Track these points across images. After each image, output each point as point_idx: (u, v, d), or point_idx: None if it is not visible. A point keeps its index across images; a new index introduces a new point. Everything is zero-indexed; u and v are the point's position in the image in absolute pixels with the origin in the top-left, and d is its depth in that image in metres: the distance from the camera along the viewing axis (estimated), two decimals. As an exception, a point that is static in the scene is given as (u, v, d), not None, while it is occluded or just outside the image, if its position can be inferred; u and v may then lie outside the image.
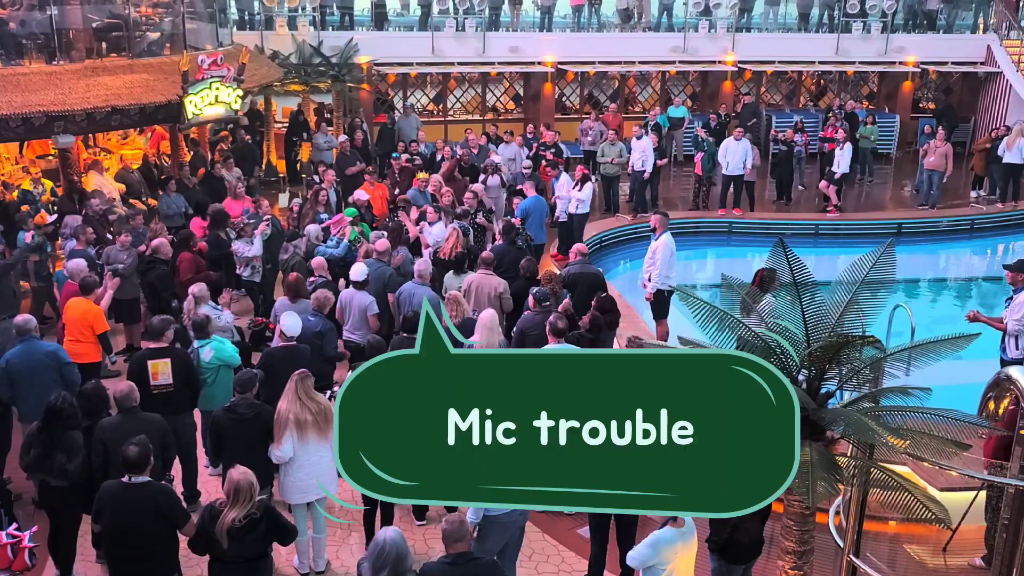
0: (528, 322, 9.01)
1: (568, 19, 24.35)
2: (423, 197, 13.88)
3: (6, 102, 12.16)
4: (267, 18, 20.98)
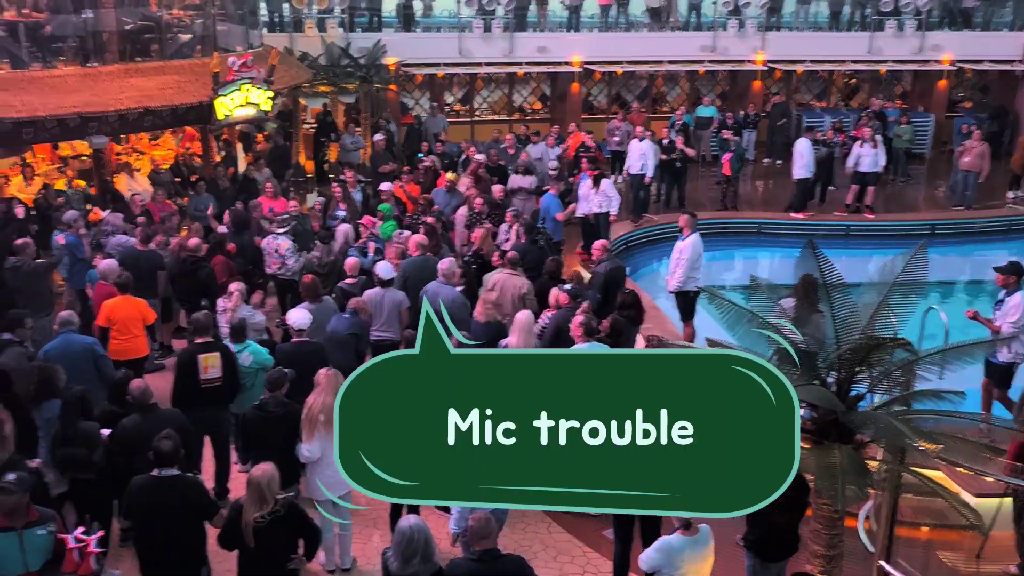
0: (564, 320, 8.98)
1: (596, 19, 24.29)
2: (447, 197, 13.91)
3: (42, 103, 12.33)
4: (296, 20, 21.11)
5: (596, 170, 15.24)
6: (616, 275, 10.84)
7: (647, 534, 7.08)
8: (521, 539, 8.07)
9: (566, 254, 13.49)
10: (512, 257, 10.40)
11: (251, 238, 12.15)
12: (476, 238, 11.71)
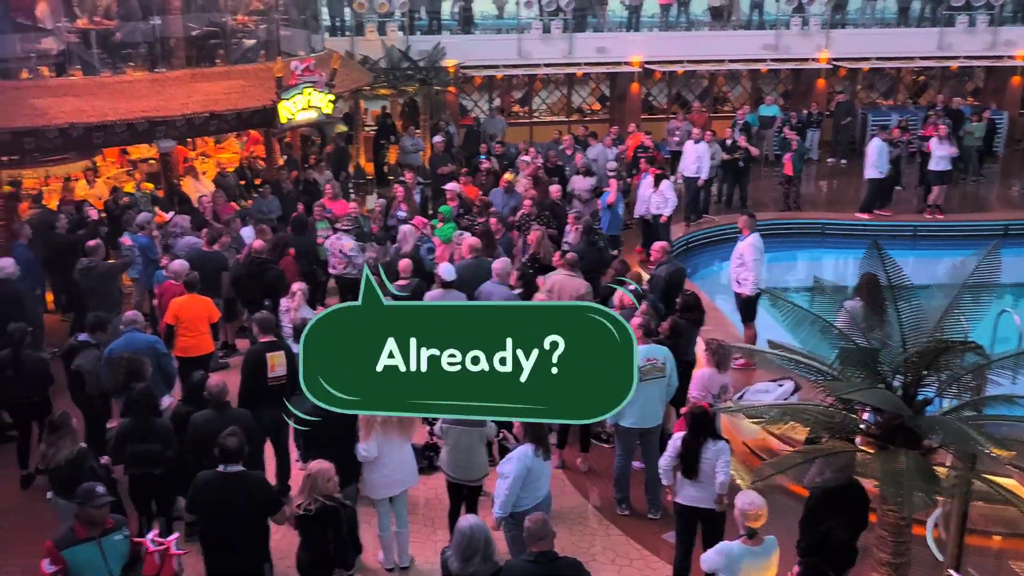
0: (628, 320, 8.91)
1: (656, 18, 24.12)
2: (505, 198, 13.92)
3: (112, 108, 12.65)
4: (358, 24, 21.37)
5: (658, 169, 15.12)
6: (676, 277, 10.75)
7: (709, 537, 7.01)
8: (579, 541, 8.04)
9: (625, 254, 13.38)
10: (571, 259, 10.35)
11: (313, 239, 12.31)
12: (532, 240, 11.69)
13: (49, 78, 13.05)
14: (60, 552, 5.64)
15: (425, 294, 9.86)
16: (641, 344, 8.16)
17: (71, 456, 6.87)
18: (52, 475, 6.94)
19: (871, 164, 17.35)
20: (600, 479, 9.01)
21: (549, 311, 4.04)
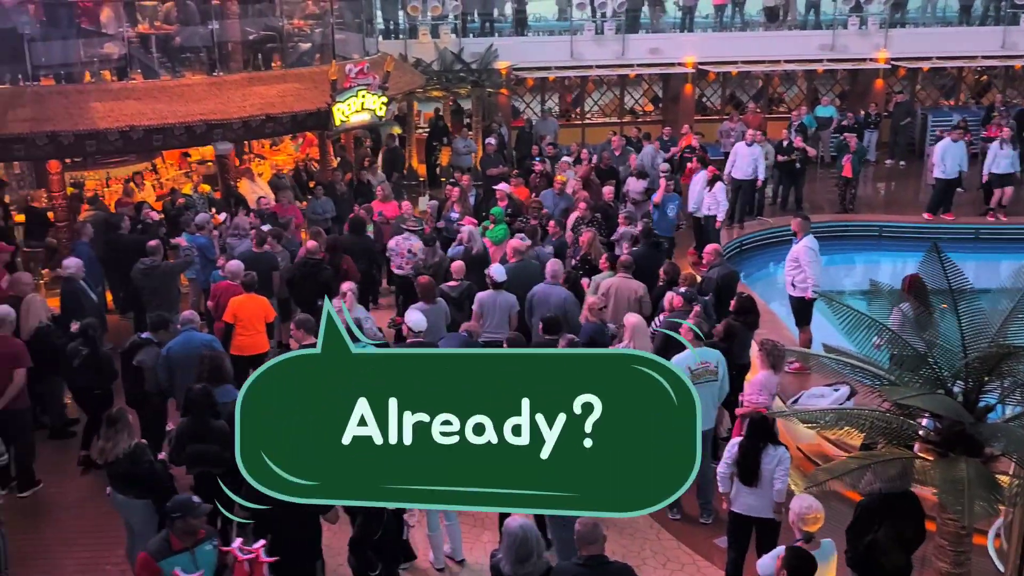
0: (666, 324, 8.87)
1: (710, 19, 23.92)
2: (556, 199, 13.91)
3: (171, 111, 12.92)
4: (411, 27, 21.52)
5: (715, 169, 15.01)
6: (728, 280, 10.63)
7: (763, 543, 6.92)
8: (629, 544, 7.99)
9: (677, 257, 13.27)
10: (625, 261, 10.32)
11: (370, 240, 12.42)
12: (583, 242, 11.67)
13: (111, 82, 13.36)
14: (158, 564, 5.65)
15: (476, 295, 9.90)
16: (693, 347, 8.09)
17: (128, 450, 7.00)
18: (110, 470, 7.09)
19: (937, 165, 17.00)
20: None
21: (580, 360, 3.05)
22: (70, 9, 13.25)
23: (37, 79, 12.66)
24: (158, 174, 16.44)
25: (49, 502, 8.87)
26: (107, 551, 7.91)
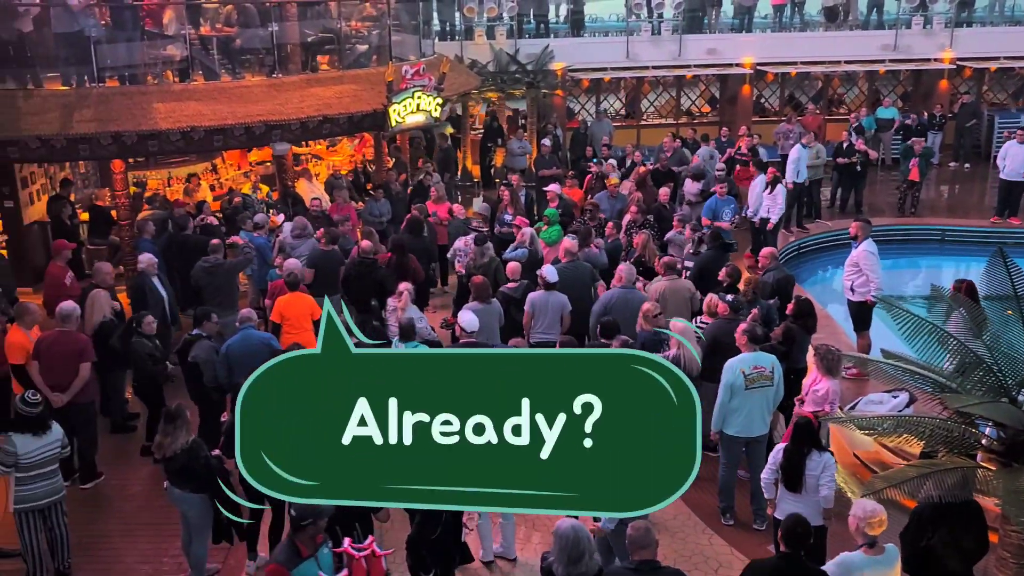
0: (720, 329, 8.78)
1: (768, 19, 23.62)
2: (610, 201, 13.84)
3: (231, 112, 13.13)
4: (467, 28, 21.62)
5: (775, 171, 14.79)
6: (784, 284, 10.48)
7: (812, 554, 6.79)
8: (681, 549, 7.92)
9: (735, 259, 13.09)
10: (668, 262, 10.26)
11: (427, 241, 12.48)
12: (637, 244, 11.60)
13: (173, 83, 13.63)
14: (291, 573, 5.63)
15: (528, 295, 9.90)
16: (747, 351, 7.99)
17: (186, 446, 7.12)
18: (168, 465, 7.23)
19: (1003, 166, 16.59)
20: (704, 487, 8.84)
21: (580, 361, 3.04)
22: (135, 12, 13.55)
23: (102, 80, 12.97)
24: (218, 174, 16.74)
25: (110, 494, 9.08)
26: (166, 543, 8.08)
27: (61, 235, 12.69)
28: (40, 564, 7.55)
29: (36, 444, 7.30)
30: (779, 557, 5.90)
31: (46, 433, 7.38)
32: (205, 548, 7.44)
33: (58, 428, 7.57)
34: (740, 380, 7.86)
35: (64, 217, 13.86)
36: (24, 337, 8.97)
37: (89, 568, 7.91)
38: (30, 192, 14.47)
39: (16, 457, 7.22)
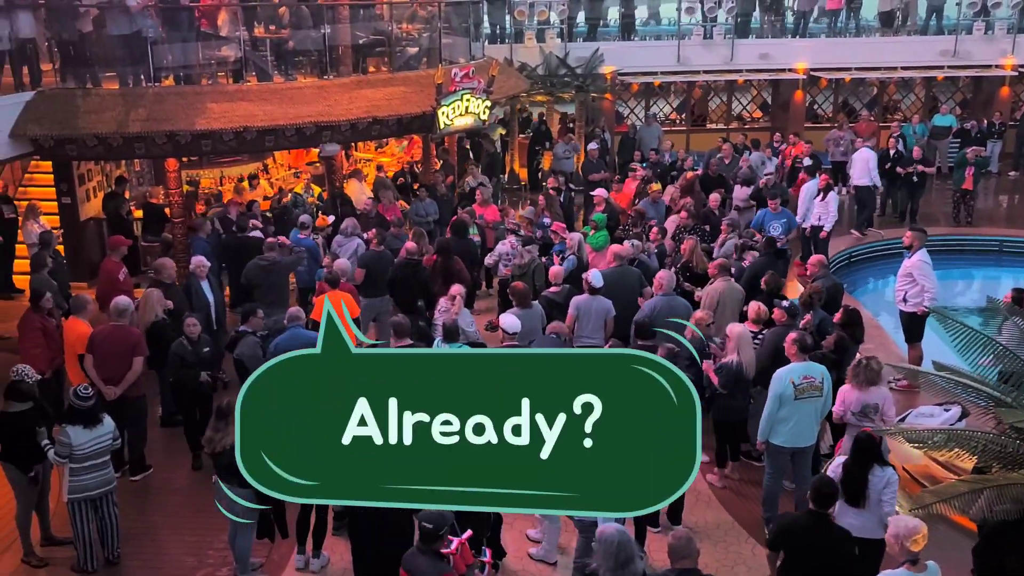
0: (779, 336, 8.66)
1: (823, 24, 23.30)
2: (655, 208, 13.75)
3: (282, 113, 13.29)
4: (517, 31, 21.64)
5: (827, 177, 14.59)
6: (833, 293, 10.31)
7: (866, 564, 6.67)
8: (723, 559, 7.82)
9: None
10: (722, 263, 10.16)
11: (471, 243, 12.51)
12: (685, 249, 11.51)
13: (226, 84, 13.84)
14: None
15: (573, 298, 9.87)
16: (797, 361, 7.87)
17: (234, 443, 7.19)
18: (217, 460, 7.32)
19: None
20: (747, 497, 8.74)
21: (580, 360, 3.06)
22: (191, 13, 13.79)
23: (158, 80, 13.22)
24: (269, 174, 16.95)
25: (159, 487, 9.23)
26: (212, 536, 8.18)
27: (119, 231, 12.93)
28: (91, 553, 7.71)
29: (88, 436, 7.45)
30: (807, 514, 6.11)
31: (98, 426, 7.53)
32: (249, 542, 7.53)
33: (110, 421, 7.71)
34: (790, 390, 7.74)
35: (122, 214, 14.13)
36: (86, 328, 9.17)
37: (137, 558, 8.05)
38: (87, 189, 14.79)
39: (70, 448, 7.38)
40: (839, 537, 6.06)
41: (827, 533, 6.02)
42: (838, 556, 5.99)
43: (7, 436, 7.70)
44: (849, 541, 6.08)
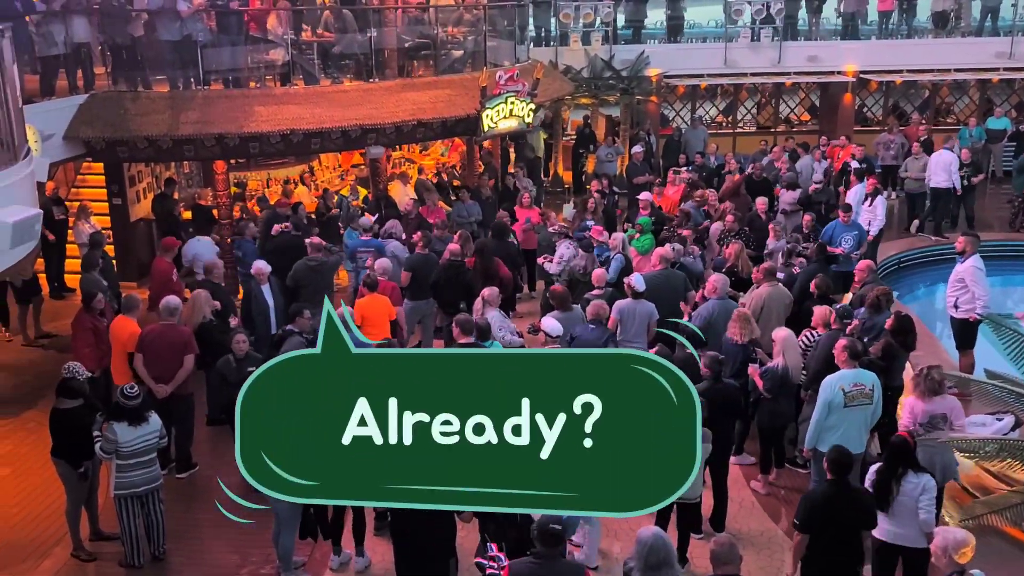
0: (832, 340, 8.54)
1: (872, 25, 22.93)
2: (699, 213, 13.63)
3: (328, 116, 13.41)
4: (562, 34, 21.60)
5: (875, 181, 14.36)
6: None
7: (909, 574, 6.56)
8: (767, 566, 7.72)
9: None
10: (768, 267, 10.04)
11: (512, 245, 12.50)
12: (729, 254, 11.39)
13: (274, 87, 14.00)
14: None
15: (616, 303, 9.81)
16: (847, 368, 7.73)
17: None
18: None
19: None
20: (792, 504, 8.59)
21: (580, 360, 3.06)
22: (240, 17, 13.97)
23: (207, 84, 13.41)
24: (314, 176, 17.11)
25: (204, 485, 9.33)
26: (255, 535, 8.23)
27: (170, 232, 13.14)
28: (137, 548, 7.84)
29: (134, 434, 7.56)
30: (829, 484, 6.42)
31: (143, 424, 7.64)
32: (292, 541, 7.59)
33: (156, 420, 7.82)
34: (839, 397, 7.61)
35: (176, 214, 14.35)
36: (136, 327, 9.33)
37: (182, 555, 8.16)
38: (137, 190, 15.05)
39: (116, 444, 7.50)
40: (859, 498, 6.42)
41: (847, 496, 6.35)
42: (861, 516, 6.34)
43: (58, 432, 7.86)
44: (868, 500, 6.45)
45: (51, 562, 8.04)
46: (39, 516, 8.66)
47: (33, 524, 8.56)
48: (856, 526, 6.36)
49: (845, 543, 6.28)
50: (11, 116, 7.67)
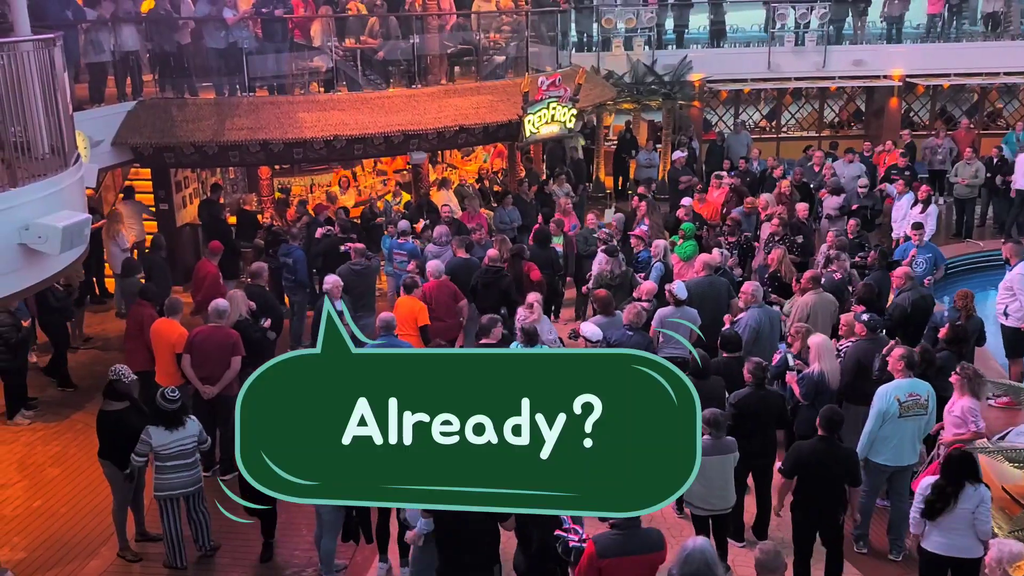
0: (861, 350, 8.42)
1: (920, 29, 22.57)
2: (748, 220, 13.50)
3: (372, 122, 13.52)
4: (604, 39, 21.55)
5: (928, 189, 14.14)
6: (921, 306, 9.93)
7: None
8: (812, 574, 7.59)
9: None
10: (814, 275, 9.93)
11: (554, 252, 12.48)
12: (772, 259, 11.26)
13: (318, 93, 14.14)
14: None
15: (657, 311, 9.74)
16: (902, 377, 7.60)
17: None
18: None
19: None
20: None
21: (580, 361, 3.06)
22: (284, 24, 14.14)
23: (252, 90, 13.58)
24: (357, 181, 17.24)
25: (247, 486, 9.42)
26: (297, 536, 8.33)
27: (217, 237, 13.28)
28: (180, 549, 7.93)
29: (170, 438, 7.63)
30: (818, 439, 6.99)
31: (180, 428, 7.70)
32: (334, 544, 7.62)
33: (194, 424, 7.87)
34: (895, 407, 7.48)
35: (222, 219, 14.52)
36: (183, 328, 9.45)
37: (226, 556, 8.24)
38: (183, 196, 15.27)
39: (150, 447, 7.59)
40: (844, 455, 7.04)
41: (835, 454, 6.97)
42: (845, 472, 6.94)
43: (105, 434, 7.99)
44: (853, 458, 7.11)
45: (98, 562, 8.16)
46: (87, 516, 8.81)
47: (81, 524, 8.71)
48: (841, 481, 6.99)
49: (828, 493, 6.95)
50: (62, 123, 7.82)
